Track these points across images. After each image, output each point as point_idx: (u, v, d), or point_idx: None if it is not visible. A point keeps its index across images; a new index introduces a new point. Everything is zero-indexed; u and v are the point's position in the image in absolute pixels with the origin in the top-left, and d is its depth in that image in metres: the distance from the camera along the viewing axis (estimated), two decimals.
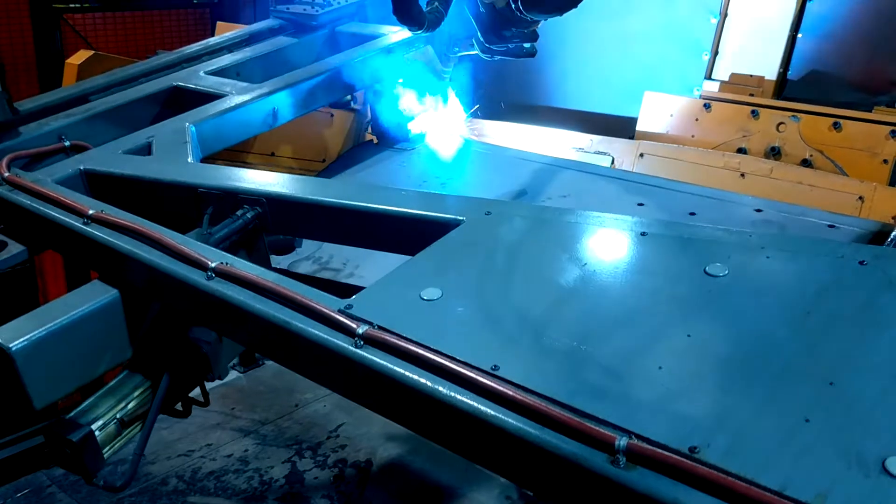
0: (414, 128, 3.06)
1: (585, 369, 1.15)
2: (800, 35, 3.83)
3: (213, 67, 2.97)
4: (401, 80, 3.01)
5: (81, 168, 2.11)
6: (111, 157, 2.19)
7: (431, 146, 3.04)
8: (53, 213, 1.82)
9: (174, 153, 2.18)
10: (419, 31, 2.26)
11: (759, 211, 2.32)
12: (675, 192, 2.49)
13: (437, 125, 3.07)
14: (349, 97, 3.42)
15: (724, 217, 2.33)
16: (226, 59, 3.08)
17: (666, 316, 1.26)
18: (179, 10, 6.74)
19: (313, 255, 2.41)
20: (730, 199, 2.43)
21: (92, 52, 3.90)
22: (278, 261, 2.39)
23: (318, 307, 1.32)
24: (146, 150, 2.25)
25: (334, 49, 3.24)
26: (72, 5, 6.20)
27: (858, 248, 1.40)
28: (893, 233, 2.06)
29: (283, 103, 2.68)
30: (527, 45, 2.33)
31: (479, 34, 2.29)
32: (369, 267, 2.26)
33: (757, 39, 3.88)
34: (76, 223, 1.76)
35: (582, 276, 1.39)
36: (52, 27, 6.08)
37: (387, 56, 2.97)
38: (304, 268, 2.38)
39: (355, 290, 1.44)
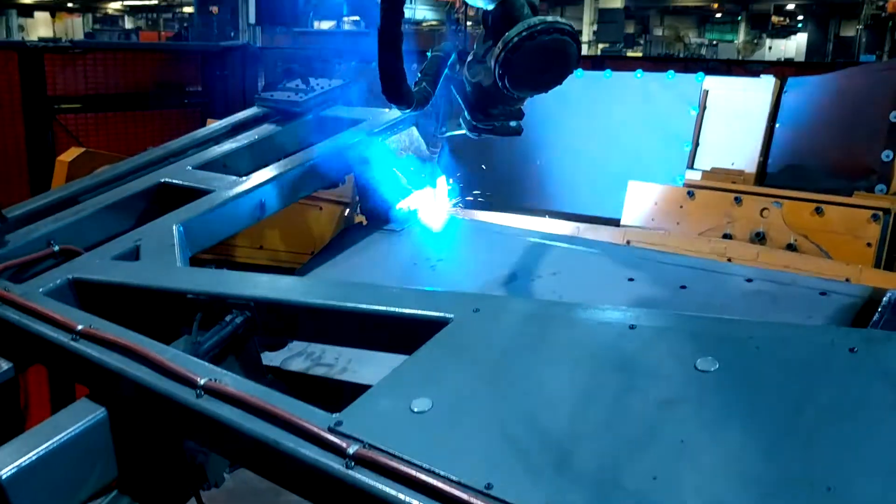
0: (402, 208, 3.08)
1: (577, 483, 1.13)
2: (777, 125, 3.92)
3: (200, 161, 2.99)
4: (388, 162, 3.04)
5: (70, 277, 2.10)
6: (99, 264, 2.19)
7: (420, 226, 3.05)
8: (42, 329, 1.81)
9: (162, 257, 2.19)
10: (408, 110, 2.30)
11: (749, 281, 2.33)
12: (665, 264, 2.49)
13: (425, 204, 3.08)
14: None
15: (714, 289, 2.33)
16: (212, 152, 3.11)
17: (658, 420, 1.24)
18: (171, 109, 6.92)
19: (305, 350, 2.39)
20: (720, 270, 2.44)
21: (83, 150, 3.97)
22: (270, 357, 2.38)
23: (307, 426, 1.31)
24: (134, 254, 2.26)
25: (320, 133, 3.27)
26: (64, 106, 6.34)
27: (848, 333, 1.40)
28: (885, 299, 2.06)
29: (270, 195, 2.70)
30: (513, 123, 2.36)
31: (466, 113, 2.33)
32: (361, 361, 2.24)
33: (736, 130, 3.99)
34: (64, 339, 1.75)
35: (569, 379, 1.38)
36: (45, 128, 6.20)
37: (373, 139, 3.01)
38: (297, 364, 2.36)
39: (349, 388, 1.43)
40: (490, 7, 2.04)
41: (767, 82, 4.03)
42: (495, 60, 1.98)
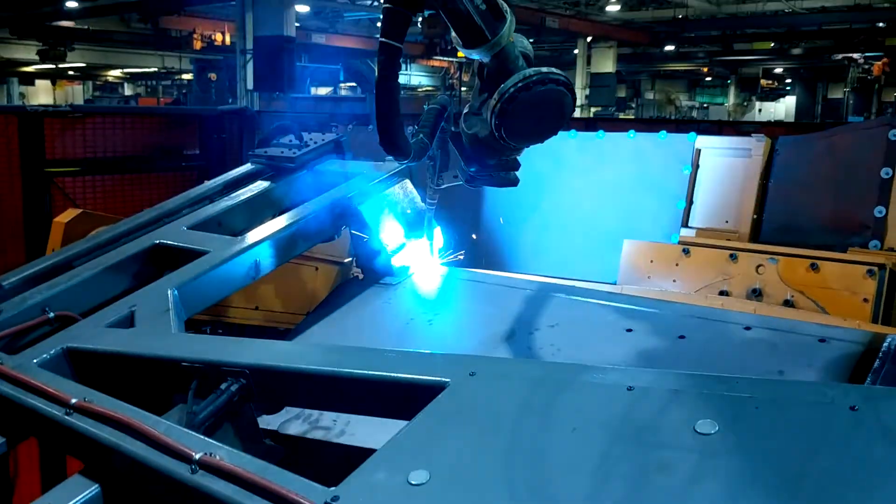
0: (398, 261, 3.06)
1: None
2: (770, 183, 3.96)
3: (194, 221, 2.95)
4: (383, 215, 3.04)
5: (64, 347, 2.09)
6: (94, 333, 2.17)
7: (416, 279, 3.03)
8: (35, 403, 1.79)
9: (157, 324, 2.17)
10: (405, 161, 2.32)
11: (748, 329, 2.32)
12: (663, 313, 2.49)
13: (421, 257, 3.08)
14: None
15: (713, 338, 2.33)
16: (207, 211, 3.07)
17: (660, 488, 1.22)
18: (169, 172, 6.99)
19: (303, 412, 2.37)
20: (718, 318, 2.43)
21: (79, 211, 3.98)
22: (268, 420, 2.35)
23: (303, 502, 1.29)
24: (129, 321, 2.24)
25: (314, 188, 3.26)
26: (62, 169, 6.40)
27: (848, 391, 1.39)
28: (885, 345, 2.05)
29: (264, 255, 2.68)
30: (510, 174, 2.38)
31: (462, 164, 2.35)
32: (360, 423, 2.21)
33: (729, 189, 4.03)
34: (58, 413, 1.73)
35: (567, 446, 1.36)
36: (43, 191, 6.25)
37: (367, 192, 3.01)
38: (294, 427, 2.33)
39: (347, 452, 1.41)
40: (486, 59, 2.07)
41: (759, 141, 4.07)
42: (491, 112, 2.00)
